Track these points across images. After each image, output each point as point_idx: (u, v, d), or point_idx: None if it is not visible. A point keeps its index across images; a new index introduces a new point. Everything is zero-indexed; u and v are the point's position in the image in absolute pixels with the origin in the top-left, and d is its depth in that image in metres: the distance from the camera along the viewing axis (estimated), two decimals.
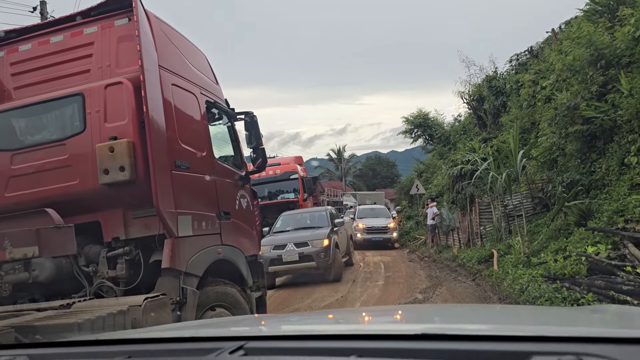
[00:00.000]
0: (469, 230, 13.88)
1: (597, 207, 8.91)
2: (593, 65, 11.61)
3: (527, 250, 9.50)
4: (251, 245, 6.19)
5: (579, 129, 11.03)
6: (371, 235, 20.82)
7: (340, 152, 69.61)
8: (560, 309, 4.14)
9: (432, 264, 13.80)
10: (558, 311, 2.98)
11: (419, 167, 34.74)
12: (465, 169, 17.18)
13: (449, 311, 2.73)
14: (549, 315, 2.29)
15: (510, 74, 22.23)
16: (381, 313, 2.89)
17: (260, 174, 19.17)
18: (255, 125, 6.22)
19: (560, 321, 1.86)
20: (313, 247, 11.23)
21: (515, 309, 4.05)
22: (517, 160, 9.68)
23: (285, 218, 13.24)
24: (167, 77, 4.83)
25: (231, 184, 5.86)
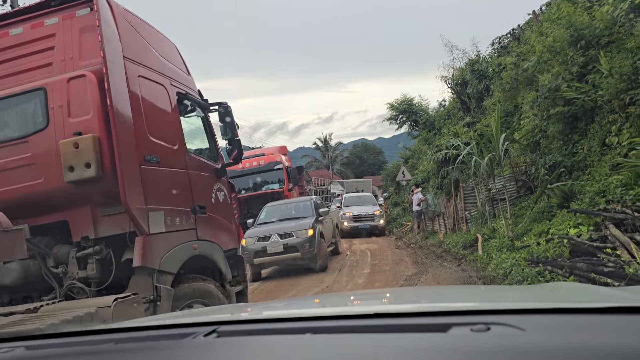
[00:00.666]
0: (454, 216, 13.87)
1: (580, 188, 8.91)
2: (573, 46, 11.56)
3: (511, 234, 9.49)
4: (230, 239, 6.06)
5: (560, 110, 11.00)
6: (358, 223, 20.81)
7: (326, 141, 69.47)
8: (518, 287, 4.47)
9: (418, 250, 13.78)
10: (515, 290, 3.23)
11: (405, 154, 34.74)
12: (450, 153, 17.14)
13: (411, 293, 3.10)
14: (501, 293, 2.48)
15: (493, 57, 22.20)
16: (349, 297, 3.21)
17: (244, 165, 19.12)
18: (229, 116, 6.06)
19: (503, 298, 2.07)
20: (297, 238, 11.13)
21: (475, 289, 4.46)
22: (499, 144, 9.63)
23: (269, 209, 13.11)
24: (133, 68, 4.65)
25: (206, 177, 5.71)
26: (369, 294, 3.73)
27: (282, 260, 11.38)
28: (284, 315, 1.69)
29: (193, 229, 5.14)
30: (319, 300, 3.14)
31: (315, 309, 2.05)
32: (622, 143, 8.66)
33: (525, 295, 2.13)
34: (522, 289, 3.20)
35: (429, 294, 2.63)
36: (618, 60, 9.25)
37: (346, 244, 17.75)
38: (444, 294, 2.61)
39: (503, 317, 1.15)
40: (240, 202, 18.03)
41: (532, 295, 2.05)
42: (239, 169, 18.51)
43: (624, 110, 9.09)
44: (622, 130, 8.98)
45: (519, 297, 2.06)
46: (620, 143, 8.84)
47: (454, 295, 2.42)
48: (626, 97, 8.83)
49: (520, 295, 2.13)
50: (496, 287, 5.64)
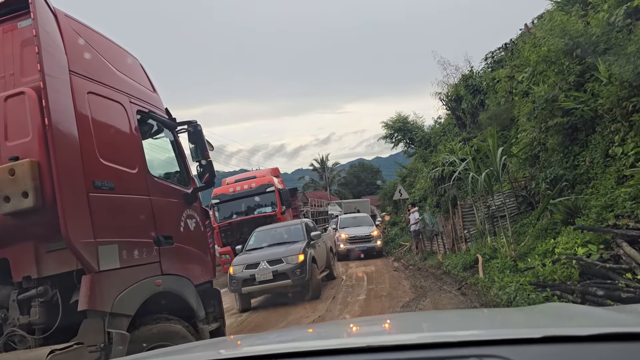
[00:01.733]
0: (453, 235, 13.27)
1: (584, 203, 8.36)
2: (569, 55, 11.16)
3: (514, 254, 8.90)
4: (203, 271, 5.47)
5: (559, 121, 10.53)
6: (354, 245, 20.23)
7: (323, 162, 69.22)
8: (509, 311, 4.30)
9: (416, 273, 13.15)
10: (506, 313, 3.11)
11: (402, 172, 34.26)
12: (446, 170, 16.66)
13: (404, 321, 2.92)
14: (494, 318, 2.48)
15: (487, 72, 21.95)
16: (341, 327, 3.05)
17: (235, 189, 18.59)
18: (199, 135, 5.53)
19: (496, 324, 2.08)
20: (288, 264, 10.50)
21: (469, 312, 4.48)
22: (496, 159, 9.10)
23: (258, 234, 12.50)
24: (82, 84, 4.13)
25: (174, 204, 5.15)
26: (363, 322, 3.60)
27: (272, 289, 10.74)
28: (269, 351, 1.59)
29: (156, 262, 4.56)
30: (311, 330, 3.11)
31: (300, 343, 1.92)
32: (627, 153, 8.15)
33: (517, 320, 2.14)
34: (513, 313, 3.18)
35: (422, 322, 2.56)
36: (618, 67, 8.79)
37: (342, 267, 17.11)
38: (438, 320, 2.58)
39: (495, 349, 1.20)
40: (232, 226, 17.46)
41: (523, 321, 2.07)
42: (230, 193, 18.01)
43: (627, 119, 8.59)
44: (626, 140, 8.47)
45: (511, 322, 2.06)
46: (625, 153, 8.32)
47: (449, 322, 2.40)
48: (629, 104, 8.34)
49: (512, 321, 2.13)
50: (489, 310, 5.63)
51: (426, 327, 2.22)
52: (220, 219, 17.83)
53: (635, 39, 8.70)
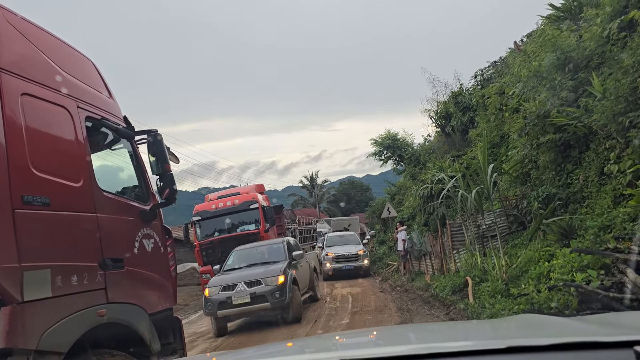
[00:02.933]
0: (442, 255, 12.75)
1: (579, 223, 7.89)
2: (560, 69, 10.82)
3: (505, 276, 8.38)
4: (160, 297, 4.89)
5: (551, 138, 10.12)
6: (341, 265, 19.69)
7: (313, 179, 68.75)
8: (483, 322, 4.28)
9: (403, 295, 12.57)
10: (480, 325, 3.18)
11: (391, 190, 33.83)
12: (435, 188, 16.24)
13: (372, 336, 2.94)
14: (466, 330, 2.54)
15: (476, 89, 21.73)
16: (323, 341, 3.16)
17: (217, 205, 17.97)
18: (159, 146, 4.97)
19: (467, 336, 2.19)
20: (266, 286, 9.89)
21: (443, 325, 4.74)
22: (487, 176, 8.63)
23: (237, 254, 11.88)
24: (14, 83, 3.59)
25: (127, 222, 4.58)
26: (345, 336, 3.71)
27: (249, 312, 10.10)
28: None
29: (101, 289, 3.98)
30: (290, 344, 3.03)
31: (281, 358, 2.00)
32: (624, 171, 7.72)
33: (486, 331, 2.25)
34: (485, 325, 3.20)
35: (395, 336, 2.61)
36: (613, 81, 8.41)
37: (327, 288, 16.50)
38: (413, 333, 2.63)
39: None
40: (213, 244, 16.82)
41: (492, 332, 2.18)
42: (212, 210, 17.40)
43: (623, 135, 8.18)
44: (623, 157, 8.05)
45: (479, 334, 2.15)
46: (621, 171, 7.90)
47: (421, 334, 2.50)
48: (625, 120, 7.93)
49: (481, 333, 2.22)
50: (460, 323, 5.78)
51: (402, 338, 2.31)
52: (202, 236, 17.20)
53: (631, 52, 8.35)
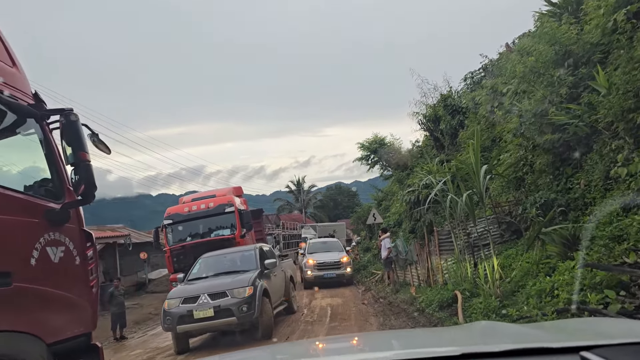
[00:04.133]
0: (428, 265, 11.78)
1: (584, 232, 6.95)
2: (559, 65, 9.95)
3: (499, 292, 7.42)
4: (72, 321, 3.84)
5: (549, 138, 9.22)
6: (322, 272, 18.72)
7: (299, 184, 67.88)
8: (447, 329, 4.63)
9: (387, 308, 11.56)
10: (442, 332, 3.35)
11: (377, 195, 32.89)
12: (423, 193, 15.32)
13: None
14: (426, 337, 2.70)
15: (466, 92, 20.94)
16: (301, 346, 3.41)
17: (190, 209, 16.86)
18: (74, 129, 3.92)
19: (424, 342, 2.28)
20: (233, 298, 8.83)
21: (407, 332, 4.79)
22: (479, 178, 7.68)
23: (204, 261, 10.80)
24: None
25: (23, 224, 3.52)
26: (321, 342, 3.73)
27: (213, 328, 9.04)
28: None
29: None
30: None
31: None
32: (635, 174, 6.82)
33: (446, 338, 2.42)
34: (445, 332, 3.40)
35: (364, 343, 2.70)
36: (621, 74, 7.53)
37: (306, 298, 15.47)
38: (380, 340, 2.84)
39: None
40: (185, 250, 15.69)
41: (449, 339, 2.32)
42: (184, 213, 16.29)
43: (633, 134, 7.30)
44: (632, 159, 7.15)
45: (437, 341, 2.29)
46: (631, 174, 7.00)
47: (380, 341, 2.68)
48: (636, 117, 7.05)
49: (439, 339, 2.35)
50: (420, 330, 6.14)
51: (370, 345, 2.49)
52: (173, 241, 16.06)
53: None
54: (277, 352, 2.75)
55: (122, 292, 13.09)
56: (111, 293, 12.76)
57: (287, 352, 2.68)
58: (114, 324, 12.64)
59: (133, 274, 27.13)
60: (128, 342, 12.38)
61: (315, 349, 2.74)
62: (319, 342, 4.04)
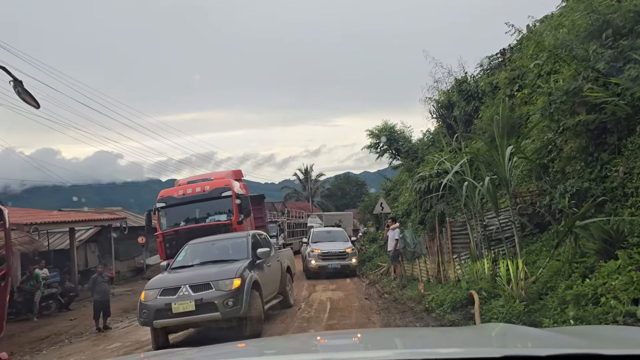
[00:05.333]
0: (439, 259, 10.69)
1: (629, 227, 5.84)
2: (596, 36, 8.76)
3: (524, 294, 6.33)
4: None
5: (583, 119, 8.05)
6: (327, 262, 17.95)
7: (307, 172, 67.04)
8: (462, 329, 4.17)
9: (392, 305, 10.51)
10: (460, 332, 3.05)
11: (386, 185, 31.74)
12: (434, 182, 14.26)
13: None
14: (444, 337, 2.49)
15: (483, 77, 19.78)
16: (291, 341, 3.08)
17: (185, 192, 15.86)
18: None
19: (445, 343, 2.13)
20: (217, 291, 7.81)
21: (419, 331, 4.68)
22: (504, 160, 6.53)
23: (191, 248, 9.78)
24: None
25: None
26: (314, 338, 3.50)
27: (194, 323, 8.04)
28: None
29: None
30: (242, 345, 2.91)
31: None
32: None
33: (475, 340, 2.15)
34: (467, 332, 3.08)
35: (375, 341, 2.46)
36: None
37: (306, 290, 14.47)
38: (388, 339, 2.51)
39: None
40: (178, 235, 14.68)
41: (479, 340, 2.11)
42: (178, 196, 15.27)
43: None
44: None
45: (468, 342, 2.08)
46: None
47: (400, 340, 2.38)
48: None
49: (468, 340, 2.14)
50: (440, 329, 5.63)
51: (381, 343, 2.26)
52: (166, 226, 15.07)
53: None
54: (265, 346, 2.56)
55: (107, 279, 12.17)
56: (94, 279, 11.83)
57: (273, 346, 2.50)
58: (97, 313, 11.72)
59: (131, 258, 26.33)
60: (111, 333, 11.46)
61: (301, 345, 2.56)
62: (307, 338, 3.90)
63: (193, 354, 2.44)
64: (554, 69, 11.35)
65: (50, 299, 15.15)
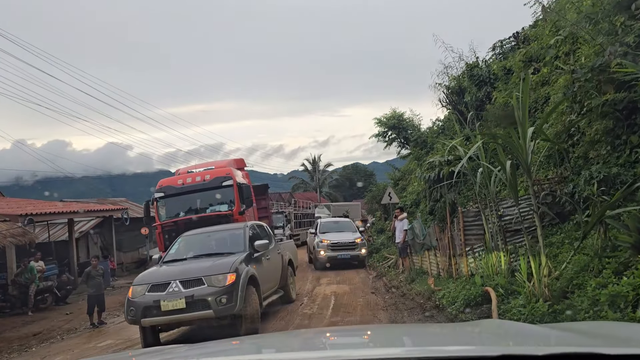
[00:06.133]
0: (450, 251, 10.01)
1: None
2: (624, 8, 8.00)
3: (547, 292, 5.65)
4: None
5: (610, 99, 7.31)
6: (337, 253, 17.65)
7: (315, 162, 66.43)
8: (453, 326, 4.28)
9: (399, 301, 9.87)
10: (452, 329, 3.00)
11: (394, 175, 31.01)
12: (445, 170, 13.56)
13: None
14: (434, 333, 2.51)
15: (495, 61, 19.02)
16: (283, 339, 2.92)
17: (185, 181, 15.25)
18: None
19: (435, 340, 2.05)
20: (210, 287, 7.21)
21: (408, 327, 4.45)
22: (525, 141, 5.82)
23: (185, 240, 9.18)
24: None
25: None
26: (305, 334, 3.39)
27: (185, 322, 7.44)
28: None
29: None
30: (235, 342, 2.86)
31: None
32: None
33: (470, 338, 2.10)
34: (457, 328, 3.11)
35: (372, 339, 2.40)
36: None
37: (310, 284, 13.86)
38: (388, 336, 2.48)
39: None
40: (177, 227, 14.09)
41: (476, 338, 2.06)
42: (178, 185, 14.66)
43: None
44: None
45: (465, 340, 2.03)
46: None
47: (391, 337, 2.33)
48: None
49: (462, 338, 2.10)
50: (427, 325, 5.62)
51: (375, 339, 2.28)
52: (165, 216, 14.50)
53: None
54: (260, 343, 2.49)
55: (101, 272, 11.61)
56: (87, 273, 11.30)
57: (267, 344, 2.44)
58: (91, 308, 11.20)
59: (134, 250, 25.89)
60: (105, 329, 10.94)
61: (298, 342, 2.49)
62: (307, 334, 3.72)
63: (183, 352, 2.36)
64: (572, 49, 10.58)
65: (46, 292, 14.67)
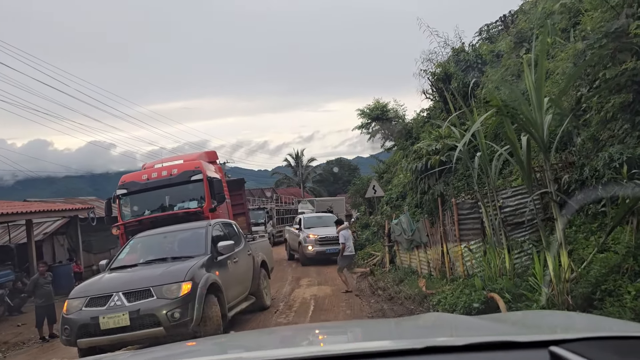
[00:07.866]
0: (443, 249, 8.91)
1: None
2: None
3: (569, 299, 4.55)
4: None
5: (629, 68, 6.23)
6: (325, 247, 17.17)
7: (298, 157, 65.42)
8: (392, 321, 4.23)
9: (386, 306, 8.72)
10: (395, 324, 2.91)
11: (379, 167, 29.96)
12: (433, 160, 12.55)
13: None
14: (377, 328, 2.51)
15: (482, 45, 18.16)
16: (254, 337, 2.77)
17: (150, 176, 13.95)
18: None
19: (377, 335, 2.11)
20: (160, 299, 5.99)
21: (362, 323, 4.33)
22: (542, 114, 4.70)
23: (137, 243, 7.96)
24: None
25: None
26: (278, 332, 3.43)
27: (129, 341, 6.20)
28: None
29: None
30: None
31: None
32: None
33: (396, 330, 2.21)
34: (394, 323, 3.09)
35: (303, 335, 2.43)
36: None
37: (288, 286, 12.67)
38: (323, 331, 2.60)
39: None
40: (142, 226, 12.74)
41: (404, 331, 2.14)
42: (142, 181, 13.31)
43: None
44: None
45: (396, 333, 2.09)
46: None
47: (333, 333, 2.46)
48: None
49: (394, 332, 2.16)
50: (368, 321, 5.65)
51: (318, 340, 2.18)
52: (131, 215, 13.19)
53: None
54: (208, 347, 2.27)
55: (50, 280, 10.30)
56: (35, 281, 10.01)
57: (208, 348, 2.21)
58: (40, 320, 9.92)
59: (106, 251, 24.36)
60: (57, 343, 9.61)
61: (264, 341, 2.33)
62: (270, 333, 3.44)
63: (127, 358, 2.32)
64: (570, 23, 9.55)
65: None
